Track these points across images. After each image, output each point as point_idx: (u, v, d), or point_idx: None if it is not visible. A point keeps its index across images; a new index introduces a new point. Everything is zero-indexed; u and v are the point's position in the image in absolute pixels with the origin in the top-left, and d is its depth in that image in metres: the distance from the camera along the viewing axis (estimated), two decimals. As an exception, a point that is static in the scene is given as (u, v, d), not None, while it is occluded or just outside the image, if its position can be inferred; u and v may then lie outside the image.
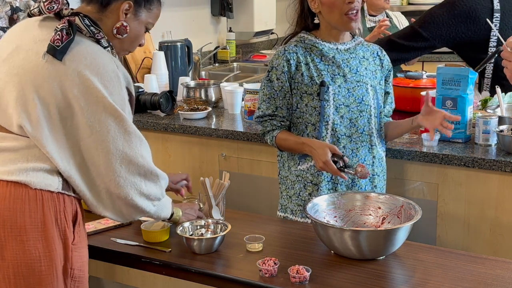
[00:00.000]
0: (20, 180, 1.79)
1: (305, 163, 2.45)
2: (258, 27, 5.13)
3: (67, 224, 1.84)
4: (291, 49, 2.44)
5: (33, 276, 1.79)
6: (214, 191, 2.29)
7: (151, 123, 3.28)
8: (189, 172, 3.27)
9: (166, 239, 2.17)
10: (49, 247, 1.80)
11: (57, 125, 1.80)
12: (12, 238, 1.77)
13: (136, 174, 1.86)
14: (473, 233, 2.66)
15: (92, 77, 1.78)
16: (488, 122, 2.67)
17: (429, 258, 2.02)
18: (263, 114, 2.48)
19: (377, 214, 2.17)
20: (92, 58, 1.80)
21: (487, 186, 2.60)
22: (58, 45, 1.76)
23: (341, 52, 2.45)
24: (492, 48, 3.11)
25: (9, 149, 1.82)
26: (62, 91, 1.78)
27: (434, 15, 3.19)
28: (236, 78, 4.40)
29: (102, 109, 1.79)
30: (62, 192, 1.83)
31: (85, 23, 1.83)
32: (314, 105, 2.41)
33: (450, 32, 3.14)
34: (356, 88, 2.43)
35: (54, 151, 1.80)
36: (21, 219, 1.78)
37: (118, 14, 1.89)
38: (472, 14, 3.12)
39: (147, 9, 1.94)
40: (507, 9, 3.15)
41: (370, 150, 2.47)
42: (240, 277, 1.94)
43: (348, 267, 1.95)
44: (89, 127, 1.80)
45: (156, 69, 3.74)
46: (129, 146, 1.84)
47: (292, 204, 2.51)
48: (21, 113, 1.79)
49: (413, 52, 3.22)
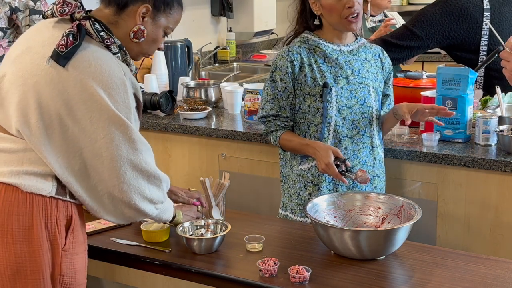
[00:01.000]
0: (11, 182, 1.77)
1: (306, 163, 2.46)
2: (258, 27, 5.13)
3: (58, 229, 1.80)
4: (295, 50, 2.44)
5: (19, 280, 1.77)
6: (214, 191, 2.29)
7: (151, 123, 3.28)
8: (189, 172, 3.28)
9: (166, 239, 2.17)
10: (35, 252, 1.77)
11: (56, 132, 1.77)
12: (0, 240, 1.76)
13: (139, 179, 1.84)
14: (473, 233, 2.66)
15: (95, 85, 1.75)
16: (488, 122, 2.67)
17: (429, 258, 2.02)
18: (267, 115, 2.48)
19: (377, 214, 2.17)
20: (97, 65, 1.77)
21: (487, 186, 2.60)
22: (62, 51, 1.73)
23: (344, 53, 2.45)
24: (484, 47, 3.12)
25: (6, 150, 1.80)
26: (63, 98, 1.75)
27: (427, 13, 3.20)
28: (236, 78, 4.40)
29: (105, 118, 1.76)
30: (55, 196, 1.79)
31: (95, 27, 1.79)
32: (316, 107, 2.41)
33: (443, 31, 3.15)
34: (359, 90, 2.43)
35: (51, 157, 1.77)
36: (9, 221, 1.76)
37: (135, 17, 1.85)
38: (464, 12, 3.13)
39: (166, 13, 1.90)
40: (497, 8, 3.16)
41: (371, 151, 2.48)
42: (240, 277, 1.94)
43: (348, 267, 1.95)
44: (92, 134, 1.77)
45: (156, 69, 3.74)
46: (133, 153, 1.81)
47: (292, 203, 2.51)
48: (20, 117, 1.77)
49: (407, 51, 3.22)
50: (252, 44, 5.43)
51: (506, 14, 3.18)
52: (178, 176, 3.32)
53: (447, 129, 2.75)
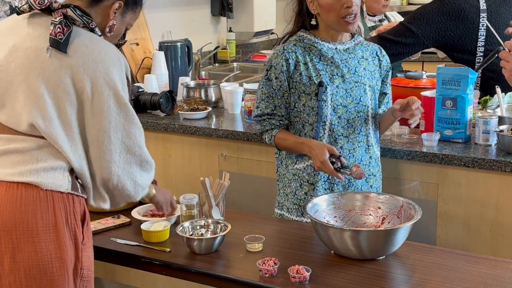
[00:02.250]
0: (31, 181, 1.78)
1: (302, 162, 2.46)
2: (258, 27, 5.12)
3: (77, 224, 1.84)
4: (290, 48, 2.44)
5: (45, 278, 1.78)
6: (214, 191, 2.29)
7: (151, 123, 3.28)
8: (189, 172, 3.28)
9: (166, 239, 2.18)
10: (60, 248, 1.80)
11: (68, 119, 1.81)
12: (24, 240, 1.77)
13: (133, 164, 1.89)
14: (473, 233, 2.66)
15: (97, 66, 1.80)
16: (488, 122, 2.67)
17: (429, 258, 2.02)
18: (262, 113, 2.48)
19: (377, 214, 2.17)
20: (93, 46, 1.82)
21: (487, 186, 2.60)
22: (61, 38, 1.78)
23: (340, 52, 2.45)
24: (481, 48, 3.12)
25: (18, 150, 1.81)
26: (69, 83, 1.79)
27: (424, 11, 3.21)
28: (236, 78, 4.40)
29: (112, 96, 1.82)
30: (71, 192, 1.83)
31: (77, 13, 1.85)
32: (312, 105, 2.41)
33: (439, 30, 3.15)
34: (354, 88, 2.43)
35: (67, 146, 1.81)
36: (33, 221, 1.77)
37: (108, 12, 1.90)
38: (461, 12, 3.13)
39: (132, 11, 1.97)
40: (493, 9, 3.16)
41: (367, 150, 2.48)
42: (240, 277, 1.94)
43: (348, 267, 1.95)
44: (92, 117, 1.82)
45: (156, 69, 3.74)
46: (128, 136, 1.86)
47: (288, 202, 2.51)
48: (32, 111, 1.79)
49: (402, 48, 3.22)
50: (252, 44, 5.43)
51: (503, 15, 3.18)
52: (178, 176, 3.32)
53: (447, 129, 2.75)
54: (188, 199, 2.25)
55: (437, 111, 2.78)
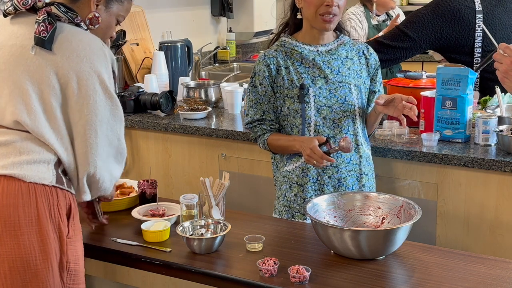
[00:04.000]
0: (14, 173, 1.79)
1: (291, 164, 2.47)
2: (258, 27, 5.13)
3: (61, 218, 1.85)
4: (270, 54, 2.48)
5: (28, 271, 1.79)
6: (214, 191, 2.29)
7: (151, 123, 3.28)
8: (189, 172, 3.28)
9: (166, 239, 2.18)
10: (43, 241, 1.80)
11: (53, 114, 1.83)
12: (7, 233, 1.78)
13: (110, 156, 1.92)
14: (473, 233, 2.66)
15: (81, 60, 1.83)
16: (488, 122, 2.67)
17: (429, 258, 2.02)
18: (252, 120, 2.51)
19: (377, 214, 2.17)
20: (77, 41, 1.85)
21: (487, 186, 2.60)
22: (44, 36, 1.81)
23: (322, 54, 2.46)
24: (478, 49, 3.12)
25: (1, 143, 1.83)
26: (54, 79, 1.82)
27: (419, 15, 3.21)
28: (236, 78, 4.40)
29: (92, 89, 1.84)
30: (55, 185, 1.84)
31: (62, 10, 1.88)
32: (295, 108, 2.43)
33: (435, 32, 3.15)
34: (338, 88, 2.44)
35: (54, 140, 1.83)
36: (15, 214, 1.78)
37: (90, 5, 1.94)
38: (456, 14, 3.13)
39: (118, 2, 2.00)
40: (489, 10, 3.16)
41: (357, 149, 2.48)
42: (240, 277, 1.94)
43: (348, 267, 1.96)
44: (78, 111, 1.84)
45: (156, 69, 3.74)
46: (111, 129, 1.90)
47: (279, 205, 2.53)
48: (17, 106, 1.81)
49: (399, 52, 3.22)
50: (252, 44, 5.43)
51: (499, 16, 3.18)
52: (178, 176, 3.32)
53: (447, 129, 2.76)
54: (188, 199, 2.25)
55: (436, 111, 2.78)
